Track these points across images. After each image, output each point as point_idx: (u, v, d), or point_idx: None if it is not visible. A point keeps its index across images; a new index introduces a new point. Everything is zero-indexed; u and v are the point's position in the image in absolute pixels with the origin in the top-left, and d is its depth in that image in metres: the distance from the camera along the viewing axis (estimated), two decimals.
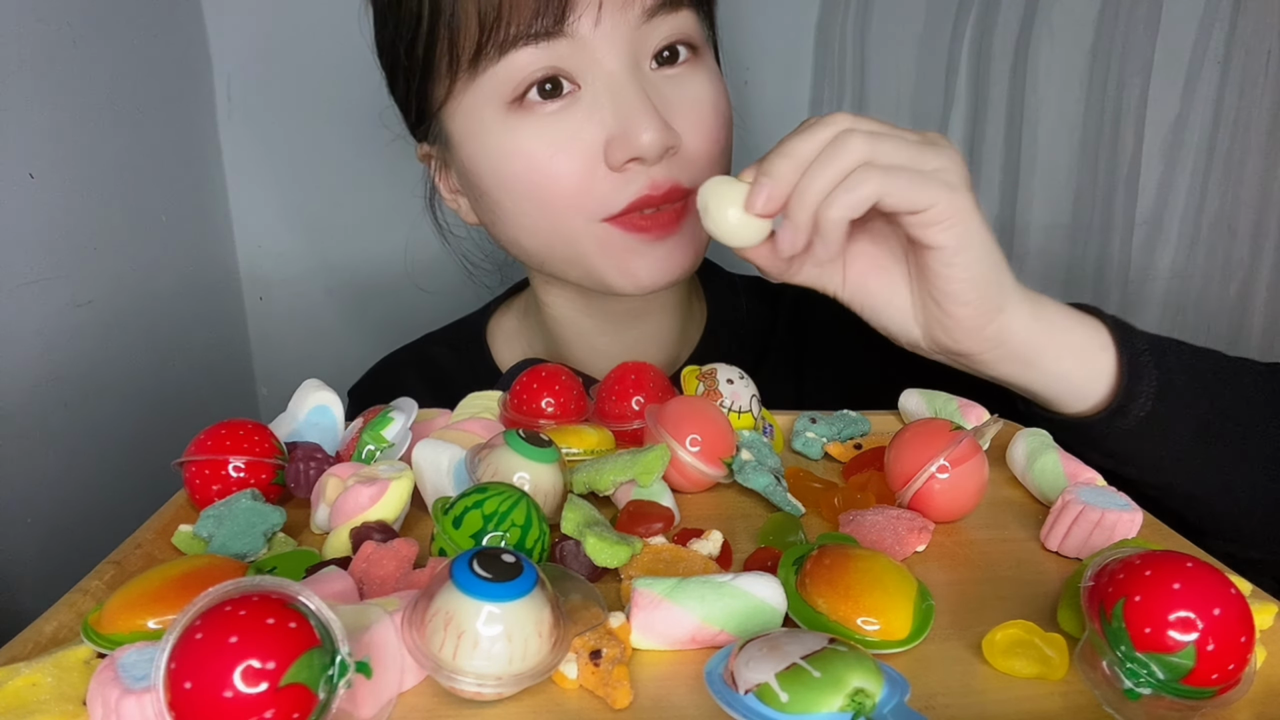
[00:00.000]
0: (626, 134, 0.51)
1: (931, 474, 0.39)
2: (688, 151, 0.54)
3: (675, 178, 0.53)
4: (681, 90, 0.54)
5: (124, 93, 0.76)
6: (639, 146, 0.51)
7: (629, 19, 0.51)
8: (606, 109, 0.52)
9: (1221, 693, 0.27)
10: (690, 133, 0.54)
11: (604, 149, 0.52)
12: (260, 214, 0.98)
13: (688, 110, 0.54)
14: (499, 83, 0.52)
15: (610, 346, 0.66)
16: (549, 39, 0.50)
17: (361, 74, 0.94)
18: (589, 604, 0.30)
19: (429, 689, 0.28)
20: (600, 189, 0.53)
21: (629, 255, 0.55)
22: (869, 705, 0.25)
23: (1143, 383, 0.46)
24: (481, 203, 0.58)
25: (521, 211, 0.55)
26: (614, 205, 0.53)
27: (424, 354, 0.73)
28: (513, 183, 0.54)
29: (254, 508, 0.38)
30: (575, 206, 0.54)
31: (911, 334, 0.48)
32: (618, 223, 0.54)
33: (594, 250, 0.55)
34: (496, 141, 0.54)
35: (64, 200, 0.68)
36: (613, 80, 0.52)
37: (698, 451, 0.41)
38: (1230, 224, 0.97)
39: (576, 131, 0.52)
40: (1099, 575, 0.29)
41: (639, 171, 0.53)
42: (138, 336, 0.77)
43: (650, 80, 0.53)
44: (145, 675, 0.25)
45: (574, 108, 0.52)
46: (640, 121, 0.51)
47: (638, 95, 0.51)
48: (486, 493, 0.34)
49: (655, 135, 0.51)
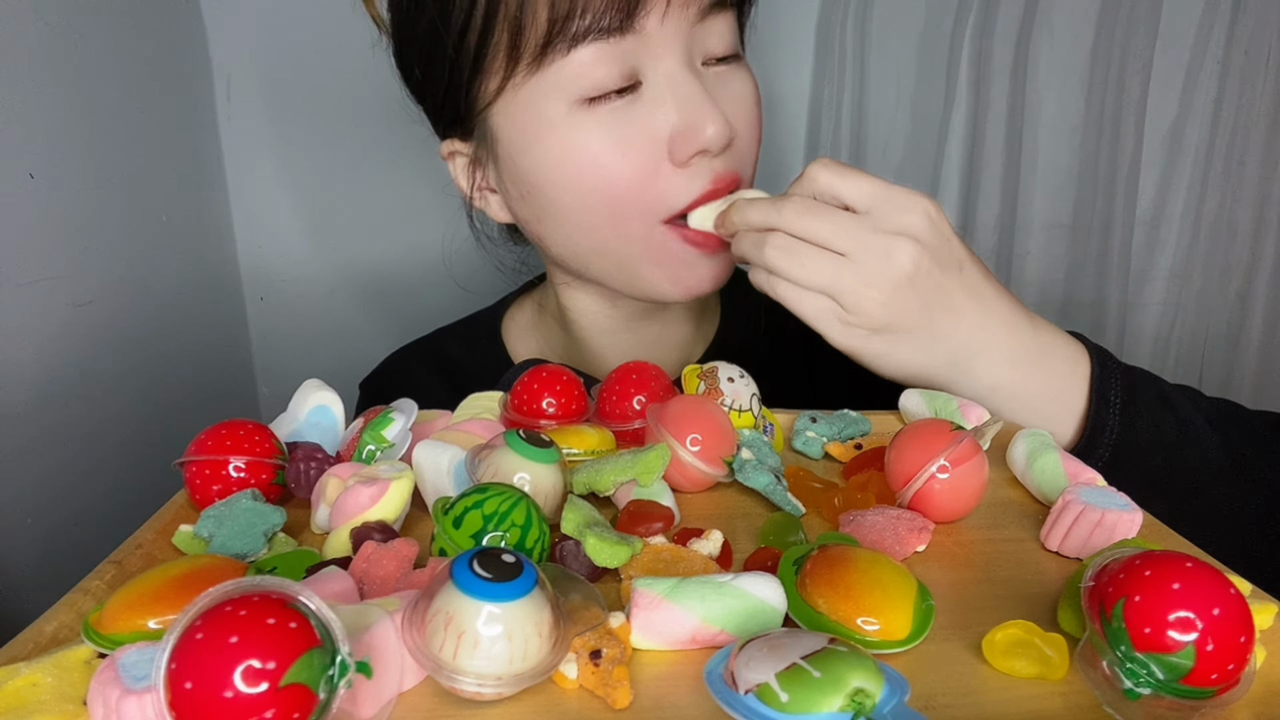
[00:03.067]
0: (692, 128, 0.52)
1: (932, 474, 0.39)
2: (739, 144, 0.56)
3: (735, 169, 0.55)
4: (729, 87, 0.56)
5: (124, 92, 0.76)
6: (705, 139, 0.52)
7: (688, 16, 0.53)
8: (669, 104, 0.53)
9: (1221, 693, 0.27)
10: (739, 124, 0.56)
11: (668, 145, 0.53)
12: (261, 214, 0.98)
13: (737, 105, 0.56)
14: (565, 78, 0.52)
15: (628, 344, 0.66)
16: (618, 35, 0.51)
17: (362, 73, 0.94)
18: (589, 604, 0.31)
19: (429, 689, 0.28)
20: (663, 186, 0.54)
21: (681, 265, 0.57)
22: (869, 705, 0.25)
23: (1104, 434, 0.49)
24: (529, 200, 0.58)
25: (583, 209, 0.55)
26: (678, 202, 0.54)
27: (437, 348, 0.73)
28: (576, 179, 0.54)
29: (254, 508, 0.38)
30: (637, 205, 0.54)
31: None
32: (676, 230, 0.55)
33: (647, 255, 0.56)
34: (560, 138, 0.53)
35: (64, 200, 0.68)
36: (674, 76, 0.53)
37: (698, 451, 0.41)
38: (1230, 224, 0.97)
39: (641, 128, 0.53)
40: (1099, 575, 0.29)
41: (703, 165, 0.54)
42: (138, 337, 0.77)
43: (702, 75, 0.55)
44: (146, 675, 0.25)
45: (637, 105, 0.53)
46: (705, 115, 0.52)
47: (700, 90, 0.53)
48: (487, 493, 0.34)
49: (719, 128, 0.52)
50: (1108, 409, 0.49)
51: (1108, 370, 0.50)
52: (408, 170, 0.97)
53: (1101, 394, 0.49)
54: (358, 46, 0.93)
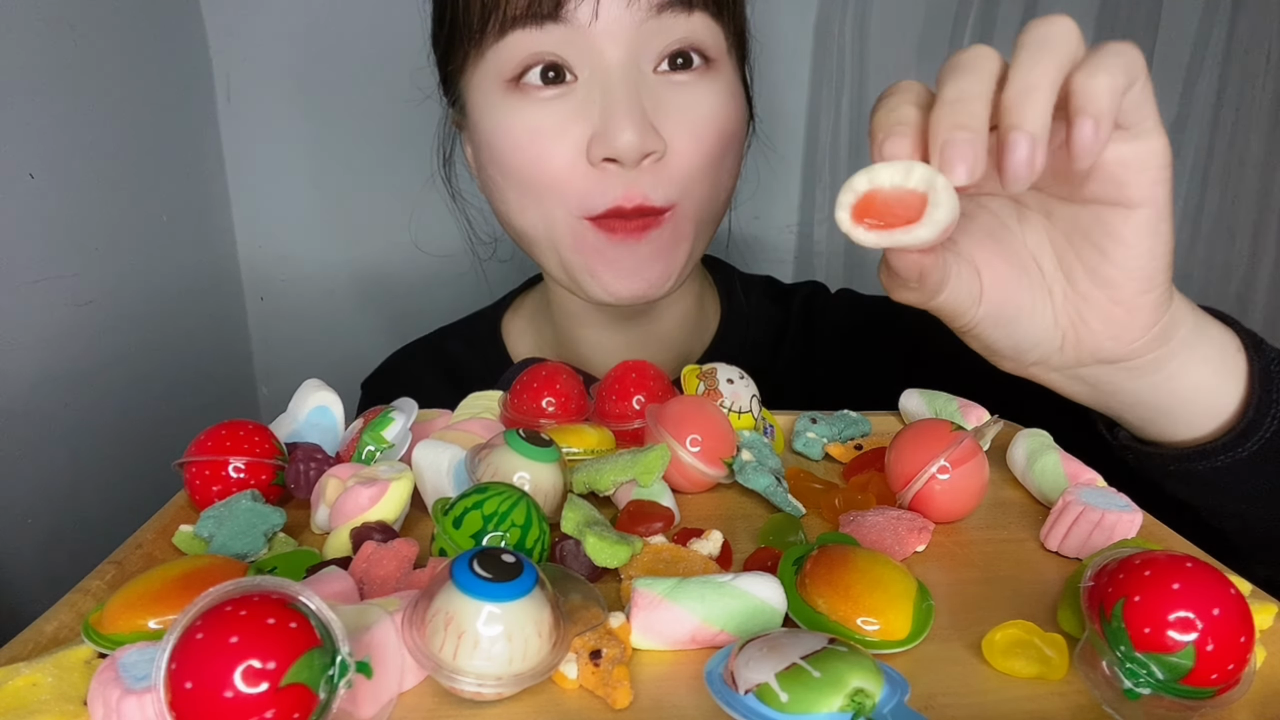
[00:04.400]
0: (607, 131, 0.50)
1: (932, 474, 0.39)
2: (672, 162, 0.53)
3: (647, 193, 0.52)
4: (682, 97, 0.53)
5: (124, 92, 0.76)
6: (615, 147, 0.50)
7: (633, 15, 0.50)
8: (595, 105, 0.51)
9: (1221, 693, 0.27)
10: (679, 141, 0.52)
11: (587, 144, 0.52)
12: (261, 214, 0.98)
13: (683, 119, 0.53)
14: (500, 61, 0.52)
15: (620, 343, 0.66)
16: (548, 23, 0.50)
17: (362, 73, 0.94)
18: (589, 604, 0.31)
19: (429, 689, 0.28)
20: (581, 185, 0.53)
21: (599, 260, 0.55)
22: (869, 705, 0.25)
23: (1270, 403, 0.39)
24: (482, 175, 0.59)
25: (510, 188, 0.56)
26: (593, 206, 0.53)
27: (438, 347, 0.74)
28: (503, 160, 0.55)
29: (254, 508, 0.38)
30: (557, 196, 0.54)
31: (1047, 346, 0.39)
32: (595, 222, 0.54)
33: (570, 245, 0.55)
34: (495, 118, 0.54)
35: (64, 200, 0.68)
36: (607, 75, 0.51)
37: (698, 451, 0.41)
38: (1229, 224, 0.97)
39: (565, 121, 0.52)
40: (1099, 575, 0.29)
41: (617, 175, 0.52)
42: (138, 337, 0.77)
43: (648, 81, 0.52)
44: (146, 675, 0.25)
45: (568, 98, 0.52)
46: (621, 121, 0.50)
47: (625, 94, 0.50)
48: (486, 493, 0.34)
49: (633, 137, 0.50)
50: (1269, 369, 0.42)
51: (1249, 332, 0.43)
52: (408, 170, 0.97)
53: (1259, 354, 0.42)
54: (358, 46, 0.94)
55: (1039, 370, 0.41)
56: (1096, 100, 0.30)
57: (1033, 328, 0.39)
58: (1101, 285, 0.37)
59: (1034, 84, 0.31)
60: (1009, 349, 0.40)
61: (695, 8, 0.52)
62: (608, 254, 0.55)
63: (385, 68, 0.93)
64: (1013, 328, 0.39)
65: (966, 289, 0.37)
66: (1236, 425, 0.40)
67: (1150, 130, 0.33)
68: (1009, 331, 0.39)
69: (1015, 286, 0.38)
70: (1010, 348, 0.40)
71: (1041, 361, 0.40)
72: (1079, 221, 0.37)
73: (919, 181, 0.32)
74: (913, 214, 0.32)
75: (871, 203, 0.33)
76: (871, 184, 0.33)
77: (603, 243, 0.54)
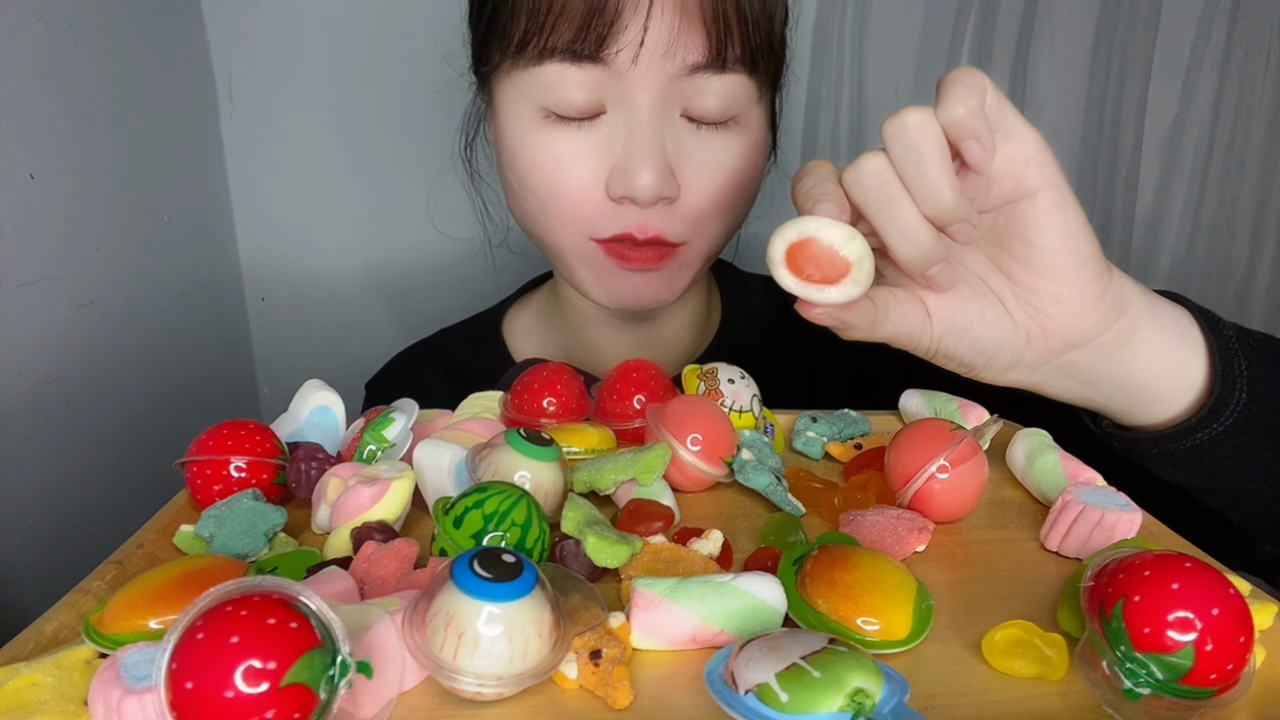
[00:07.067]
0: (627, 171, 0.52)
1: (931, 474, 0.39)
2: (685, 205, 0.54)
3: (662, 229, 0.54)
4: (704, 147, 0.54)
5: (125, 93, 0.76)
6: (633, 187, 0.51)
7: (669, 68, 0.51)
8: (620, 141, 0.52)
9: (1220, 693, 0.27)
10: (695, 189, 0.54)
11: (607, 178, 0.53)
12: (262, 214, 0.98)
13: (701, 167, 0.54)
14: (534, 85, 0.52)
15: (627, 341, 0.67)
16: (589, 62, 0.50)
17: (364, 73, 0.94)
18: (589, 604, 0.31)
19: (429, 689, 0.28)
20: (595, 213, 0.54)
21: (607, 275, 0.57)
22: (869, 705, 0.25)
23: (1235, 375, 0.42)
24: (502, 173, 0.60)
25: (527, 199, 0.57)
26: (602, 231, 0.55)
27: (440, 348, 0.74)
28: (524, 176, 0.56)
29: (255, 508, 0.38)
30: (569, 220, 0.55)
31: (1015, 346, 0.42)
32: (603, 246, 0.55)
33: (577, 261, 0.57)
34: (520, 135, 0.55)
35: (64, 200, 0.68)
36: (635, 116, 0.52)
37: (698, 451, 0.41)
38: (1229, 224, 0.97)
39: (587, 153, 0.53)
40: (1099, 575, 0.29)
41: (632, 210, 0.53)
42: (139, 337, 0.77)
43: (675, 127, 0.53)
44: (147, 675, 0.25)
45: (595, 129, 0.53)
46: (642, 164, 0.51)
47: (650, 138, 0.52)
48: (487, 492, 0.34)
49: (651, 181, 0.51)
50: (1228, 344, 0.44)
51: (1201, 308, 0.46)
52: (409, 170, 0.97)
53: (1215, 329, 0.45)
54: (358, 46, 0.94)
55: (1019, 374, 0.43)
56: (965, 125, 0.36)
57: (994, 330, 0.42)
58: (1040, 273, 0.40)
59: (934, 178, 0.36)
60: (980, 358, 0.42)
61: (729, 69, 0.52)
62: (618, 274, 0.57)
63: (387, 68, 0.93)
64: (973, 336, 0.42)
65: (913, 317, 0.41)
66: (1207, 401, 0.43)
67: (1017, 127, 0.38)
68: (970, 341, 0.42)
69: (960, 300, 0.41)
70: (980, 356, 0.42)
71: (1017, 363, 0.43)
72: (998, 226, 0.41)
73: (852, 253, 0.36)
74: (832, 276, 0.36)
75: (804, 249, 0.36)
76: (816, 234, 0.36)
77: (613, 266, 0.56)
